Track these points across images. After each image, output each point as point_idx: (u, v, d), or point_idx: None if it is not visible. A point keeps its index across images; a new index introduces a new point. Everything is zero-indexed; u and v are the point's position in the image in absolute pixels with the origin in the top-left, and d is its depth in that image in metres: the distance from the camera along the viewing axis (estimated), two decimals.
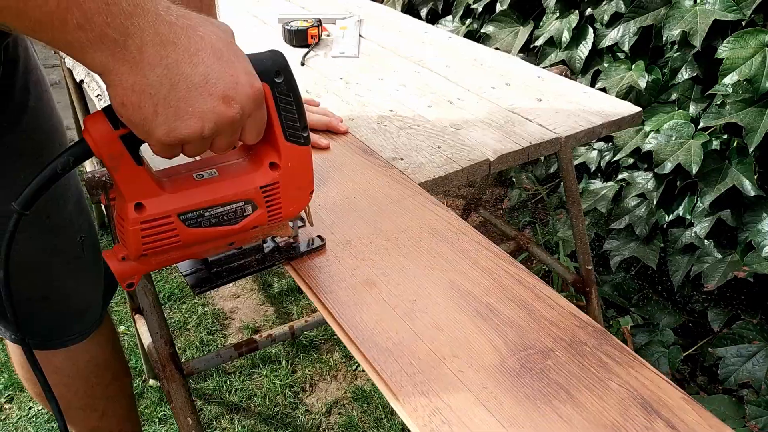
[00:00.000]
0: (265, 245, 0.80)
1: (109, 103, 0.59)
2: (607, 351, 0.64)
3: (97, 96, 1.33)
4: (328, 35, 1.65)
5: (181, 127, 0.59)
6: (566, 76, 1.42)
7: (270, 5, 1.91)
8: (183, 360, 1.89)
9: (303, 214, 0.81)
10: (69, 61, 1.52)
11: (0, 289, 0.68)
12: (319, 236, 0.84)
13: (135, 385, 1.81)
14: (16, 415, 1.73)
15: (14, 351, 1.24)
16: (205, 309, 2.13)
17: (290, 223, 0.79)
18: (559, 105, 1.23)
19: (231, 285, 2.25)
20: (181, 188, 0.68)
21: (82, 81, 1.44)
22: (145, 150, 0.63)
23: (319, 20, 1.61)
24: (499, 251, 0.79)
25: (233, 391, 1.80)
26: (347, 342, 0.66)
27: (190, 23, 0.59)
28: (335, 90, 1.32)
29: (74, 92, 1.88)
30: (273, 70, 0.66)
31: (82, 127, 0.62)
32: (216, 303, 2.17)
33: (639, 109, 1.19)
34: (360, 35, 1.65)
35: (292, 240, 0.82)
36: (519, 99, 1.26)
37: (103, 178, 1.08)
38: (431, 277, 0.75)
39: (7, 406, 1.76)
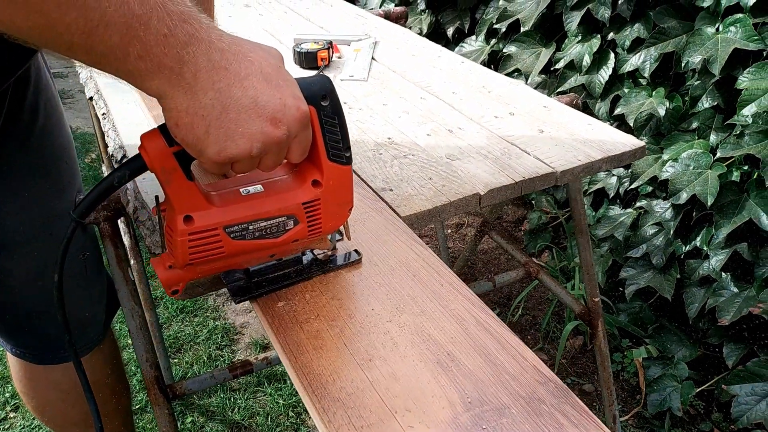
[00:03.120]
0: (303, 257, 0.83)
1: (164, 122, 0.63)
2: (565, 411, 0.62)
3: (102, 114, 1.35)
4: (339, 57, 1.64)
5: (231, 147, 0.62)
6: (576, 105, 1.39)
7: (289, 24, 1.92)
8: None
9: (341, 228, 0.83)
10: (83, 77, 1.54)
11: (53, 291, 0.73)
12: (355, 250, 0.85)
13: (141, 399, 1.82)
14: (20, 425, 1.75)
15: (14, 364, 1.26)
16: (216, 323, 2.14)
17: (329, 237, 0.82)
18: (560, 136, 1.20)
19: None
20: (228, 203, 0.71)
21: (91, 98, 1.46)
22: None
23: (331, 42, 1.61)
24: (470, 295, 0.77)
25: (236, 409, 1.80)
26: (300, 390, 0.65)
27: (241, 49, 0.62)
28: None
29: (90, 105, 1.92)
30: (320, 94, 0.69)
31: (139, 144, 0.66)
32: (227, 317, 2.18)
33: (642, 143, 1.16)
34: (373, 58, 1.64)
35: (330, 253, 0.84)
36: (520, 129, 1.23)
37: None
38: (398, 321, 0.73)
39: (12, 414, 1.79)
